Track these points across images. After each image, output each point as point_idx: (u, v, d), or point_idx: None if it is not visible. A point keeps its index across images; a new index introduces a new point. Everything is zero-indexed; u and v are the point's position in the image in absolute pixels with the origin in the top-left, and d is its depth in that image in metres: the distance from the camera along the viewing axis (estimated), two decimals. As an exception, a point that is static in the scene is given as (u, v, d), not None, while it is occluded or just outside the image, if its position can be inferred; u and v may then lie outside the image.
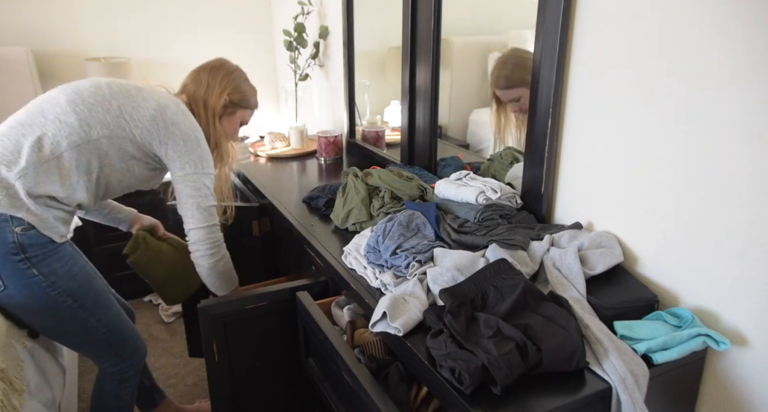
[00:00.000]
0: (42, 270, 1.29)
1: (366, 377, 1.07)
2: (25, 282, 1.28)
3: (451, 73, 1.75)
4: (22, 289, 1.28)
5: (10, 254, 1.25)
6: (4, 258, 1.25)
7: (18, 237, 1.25)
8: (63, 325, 1.38)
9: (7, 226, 1.24)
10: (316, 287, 1.45)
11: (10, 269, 1.26)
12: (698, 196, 1.00)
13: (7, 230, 1.24)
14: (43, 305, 1.32)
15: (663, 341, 0.93)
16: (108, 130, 1.34)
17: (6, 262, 1.25)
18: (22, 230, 1.25)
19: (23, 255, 1.26)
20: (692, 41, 0.96)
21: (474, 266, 1.09)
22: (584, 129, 1.22)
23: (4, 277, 1.26)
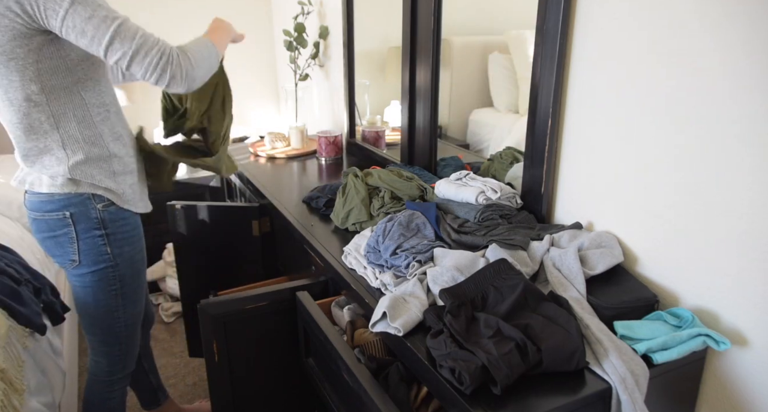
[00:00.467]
0: (115, 250, 1.36)
1: (366, 377, 1.07)
2: (97, 259, 1.35)
3: (451, 73, 1.75)
4: (92, 265, 1.35)
5: (92, 229, 1.32)
6: (86, 232, 1.32)
7: (100, 213, 1.32)
8: (96, 305, 1.41)
9: (90, 203, 1.31)
10: (316, 287, 1.45)
11: (88, 244, 1.33)
12: (698, 196, 1.00)
13: (90, 207, 1.31)
14: (97, 282, 1.37)
15: (663, 341, 0.93)
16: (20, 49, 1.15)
17: (87, 236, 1.32)
18: (104, 206, 1.32)
19: (105, 231, 1.33)
20: (693, 41, 0.96)
21: (474, 266, 1.09)
22: (584, 129, 1.22)
23: (81, 251, 1.33)
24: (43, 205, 1.30)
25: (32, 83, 1.19)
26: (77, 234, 1.31)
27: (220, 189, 2.81)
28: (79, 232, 1.31)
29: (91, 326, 1.45)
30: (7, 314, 1.32)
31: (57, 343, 1.56)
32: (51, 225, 1.31)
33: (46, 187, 1.28)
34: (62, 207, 1.29)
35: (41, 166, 1.28)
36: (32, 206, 1.32)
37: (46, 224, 1.32)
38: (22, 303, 1.39)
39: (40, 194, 1.29)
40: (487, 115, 1.71)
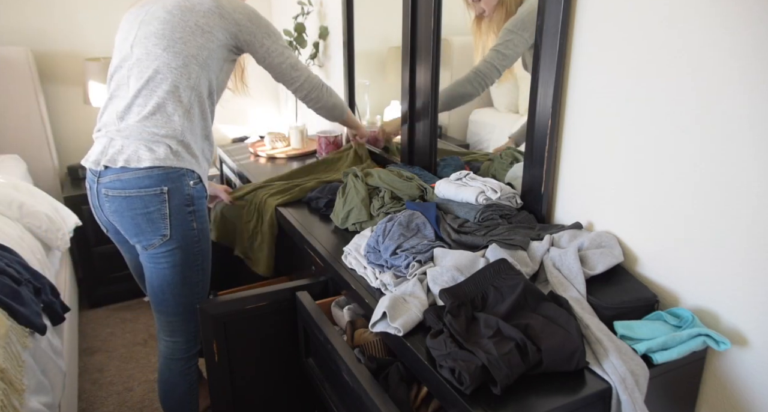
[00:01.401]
0: (199, 225, 1.46)
1: (366, 377, 1.07)
2: (185, 233, 1.43)
3: (451, 73, 1.74)
4: (181, 240, 1.43)
5: (184, 205, 1.41)
6: (178, 208, 1.40)
7: (190, 190, 1.42)
8: (183, 282, 1.47)
9: (185, 179, 1.40)
10: (316, 287, 1.45)
11: (179, 220, 1.41)
12: (699, 196, 1.00)
13: (184, 183, 1.40)
14: (186, 259, 1.45)
15: (663, 341, 0.93)
16: (206, 50, 1.41)
17: (179, 212, 1.41)
18: (194, 184, 1.43)
19: (193, 207, 1.43)
20: (693, 41, 0.96)
21: (474, 266, 1.09)
22: (584, 129, 1.22)
23: (172, 226, 1.40)
24: (140, 180, 1.36)
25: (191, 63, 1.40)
26: (170, 210, 1.39)
27: (220, 189, 2.81)
28: (172, 208, 1.40)
29: (176, 306, 1.50)
30: (7, 314, 1.32)
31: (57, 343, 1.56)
32: (146, 201, 1.38)
33: (147, 161, 1.36)
34: (160, 182, 1.37)
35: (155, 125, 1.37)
36: (126, 184, 1.37)
37: (141, 200, 1.37)
38: (22, 303, 1.39)
39: (137, 170, 1.36)
40: (487, 115, 1.71)
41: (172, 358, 1.58)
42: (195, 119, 1.43)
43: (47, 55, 2.75)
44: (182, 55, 1.38)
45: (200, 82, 1.42)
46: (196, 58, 1.39)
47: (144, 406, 2.09)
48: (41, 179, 2.66)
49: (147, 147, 1.37)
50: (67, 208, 2.27)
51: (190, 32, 1.39)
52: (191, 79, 1.40)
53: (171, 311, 1.51)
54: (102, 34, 2.80)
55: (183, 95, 1.39)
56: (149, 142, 1.37)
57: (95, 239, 2.65)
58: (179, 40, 1.38)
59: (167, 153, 1.37)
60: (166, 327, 1.55)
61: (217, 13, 1.41)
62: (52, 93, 2.80)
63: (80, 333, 2.57)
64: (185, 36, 1.38)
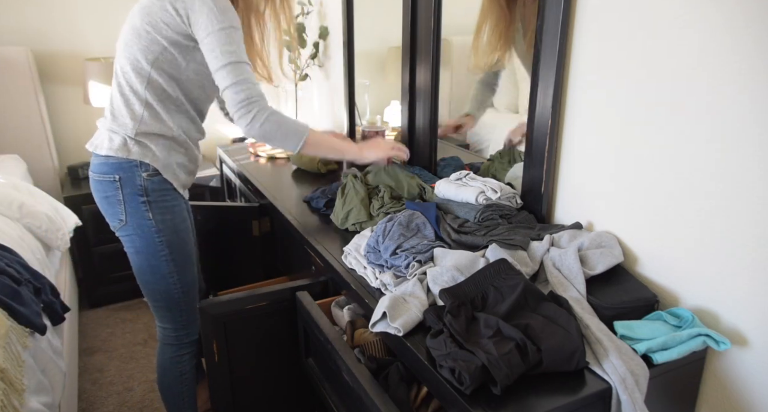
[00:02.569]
0: (156, 217, 1.49)
1: (366, 377, 1.07)
2: (140, 222, 1.49)
3: (451, 73, 1.74)
4: (137, 228, 1.49)
5: (137, 194, 1.47)
6: (131, 197, 1.47)
7: (144, 181, 1.46)
8: (152, 272, 1.54)
9: (136, 170, 1.45)
10: (316, 287, 1.45)
11: (133, 208, 1.47)
12: (698, 196, 1.00)
13: (136, 174, 1.45)
14: (146, 247, 1.51)
15: (663, 341, 0.93)
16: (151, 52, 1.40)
17: (132, 200, 1.47)
18: (148, 176, 1.46)
19: (146, 198, 1.47)
20: (694, 41, 0.96)
21: (474, 266, 1.09)
22: (584, 129, 1.22)
23: (127, 212, 1.48)
24: (100, 167, 1.47)
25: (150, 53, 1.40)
26: (123, 197, 1.47)
27: (220, 189, 2.81)
28: (125, 195, 1.47)
29: (151, 292, 1.57)
30: (7, 314, 1.32)
31: (57, 343, 1.56)
32: (104, 186, 1.48)
33: (104, 150, 1.45)
34: (113, 170, 1.45)
35: (114, 121, 1.45)
36: (93, 167, 1.50)
37: (100, 184, 1.49)
38: (22, 303, 1.39)
39: (99, 156, 1.47)
40: (487, 115, 1.71)
41: (163, 343, 1.65)
42: (150, 122, 1.45)
43: (47, 55, 2.75)
44: (130, 60, 1.42)
45: (153, 86, 1.43)
46: (141, 61, 1.41)
47: (144, 406, 2.09)
48: (41, 179, 2.66)
49: (108, 136, 1.46)
50: (67, 208, 2.28)
51: (136, 34, 1.41)
52: (139, 82, 1.42)
53: (149, 296, 1.59)
54: (102, 34, 2.80)
55: (133, 100, 1.43)
56: (111, 133, 1.46)
57: (95, 239, 2.65)
58: (129, 42, 1.42)
59: (121, 144, 1.44)
60: (154, 312, 1.62)
61: (158, 5, 1.37)
62: (52, 93, 2.80)
63: (80, 333, 2.57)
64: (132, 38, 1.41)
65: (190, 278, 1.59)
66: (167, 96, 1.45)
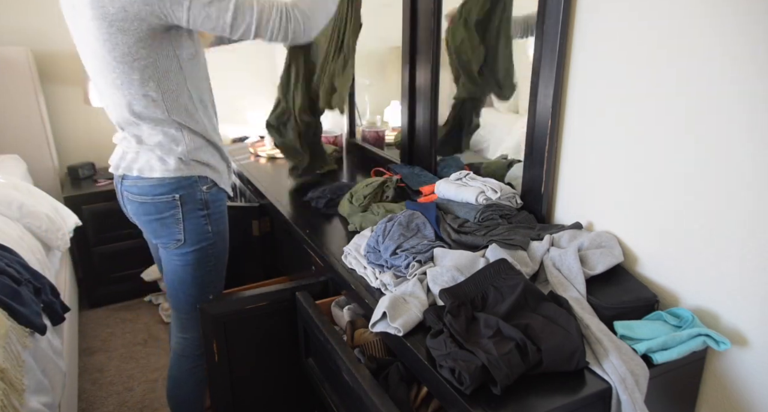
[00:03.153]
0: (214, 228, 1.47)
1: (366, 377, 1.07)
2: (199, 237, 1.45)
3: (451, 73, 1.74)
4: (195, 243, 1.45)
5: (197, 209, 1.43)
6: (191, 213, 1.42)
7: (204, 195, 1.43)
8: (194, 282, 1.50)
9: (197, 185, 1.41)
10: (316, 287, 1.45)
11: (193, 224, 1.43)
12: (699, 196, 1.00)
13: (197, 189, 1.42)
14: (199, 260, 1.47)
15: (663, 341, 0.93)
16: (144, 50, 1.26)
17: (192, 216, 1.43)
18: (207, 189, 1.44)
19: (207, 211, 1.44)
20: (693, 41, 0.96)
21: (474, 266, 1.09)
22: (584, 129, 1.22)
23: (186, 230, 1.43)
24: (153, 189, 1.39)
25: (151, 81, 1.31)
26: (183, 215, 1.42)
27: (220, 189, 2.81)
28: (185, 213, 1.42)
29: (187, 304, 1.53)
30: (7, 314, 1.32)
31: (57, 343, 1.56)
32: (159, 208, 1.41)
33: (158, 172, 1.38)
34: (172, 190, 1.39)
35: (159, 148, 1.37)
36: (141, 190, 1.41)
37: (154, 207, 1.41)
38: (22, 303, 1.39)
39: (151, 179, 1.38)
40: (487, 116, 1.71)
41: (182, 355, 1.61)
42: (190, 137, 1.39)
43: (47, 55, 2.74)
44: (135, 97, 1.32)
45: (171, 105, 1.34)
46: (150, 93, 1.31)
47: (144, 406, 2.09)
48: (41, 179, 2.66)
49: (158, 158, 1.38)
50: (67, 208, 2.28)
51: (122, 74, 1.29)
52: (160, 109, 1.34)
53: (182, 308, 1.54)
54: (102, 34, 2.80)
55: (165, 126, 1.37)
56: (159, 155, 1.38)
57: (95, 239, 2.65)
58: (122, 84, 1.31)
59: (177, 163, 1.38)
60: (178, 323, 1.58)
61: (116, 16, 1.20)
62: (52, 93, 2.80)
63: (80, 333, 2.57)
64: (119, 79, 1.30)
65: (222, 286, 1.58)
66: (188, 106, 1.38)
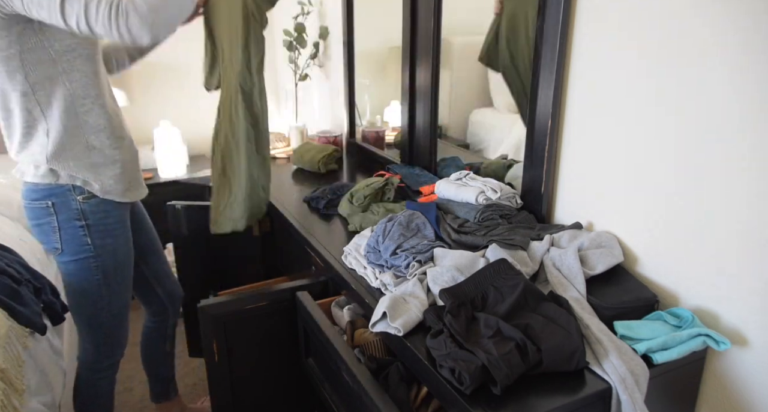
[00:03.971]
0: (97, 241, 1.39)
1: (366, 377, 1.07)
2: (78, 249, 1.38)
3: (451, 73, 1.74)
4: (73, 254, 1.39)
5: (74, 219, 1.35)
6: (67, 223, 1.36)
7: (80, 205, 1.35)
8: (82, 293, 1.45)
9: (70, 194, 1.34)
10: (316, 287, 1.45)
11: (69, 234, 1.36)
12: (699, 197, 1.00)
13: (70, 198, 1.34)
14: (80, 272, 1.41)
15: (663, 341, 0.93)
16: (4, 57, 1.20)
17: (69, 227, 1.36)
18: (84, 199, 1.35)
19: (85, 222, 1.36)
20: (693, 41, 0.96)
21: (474, 266, 1.09)
22: (584, 129, 1.22)
23: (63, 240, 1.37)
24: (30, 193, 1.35)
25: (17, 73, 1.23)
26: (59, 223, 1.36)
27: (220, 189, 2.81)
28: (60, 221, 1.35)
29: (78, 314, 1.50)
30: (7, 314, 1.32)
31: (57, 343, 1.56)
32: (36, 213, 1.36)
33: (30, 176, 1.33)
34: (45, 196, 1.33)
35: (28, 153, 1.32)
36: (22, 194, 1.38)
37: (32, 211, 1.37)
38: (22, 303, 1.39)
39: (27, 183, 1.35)
40: (487, 115, 1.71)
41: (82, 363, 1.57)
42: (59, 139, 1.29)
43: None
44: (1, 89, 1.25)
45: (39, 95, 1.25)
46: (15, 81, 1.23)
47: (144, 406, 2.09)
48: (41, 179, 2.65)
49: (31, 162, 1.33)
50: (67, 208, 2.27)
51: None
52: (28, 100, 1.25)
53: (75, 318, 1.50)
54: (102, 34, 2.80)
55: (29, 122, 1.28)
56: (28, 158, 1.32)
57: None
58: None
59: (45, 172, 1.32)
60: (77, 331, 1.53)
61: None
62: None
63: (80, 333, 2.57)
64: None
65: (123, 303, 1.52)
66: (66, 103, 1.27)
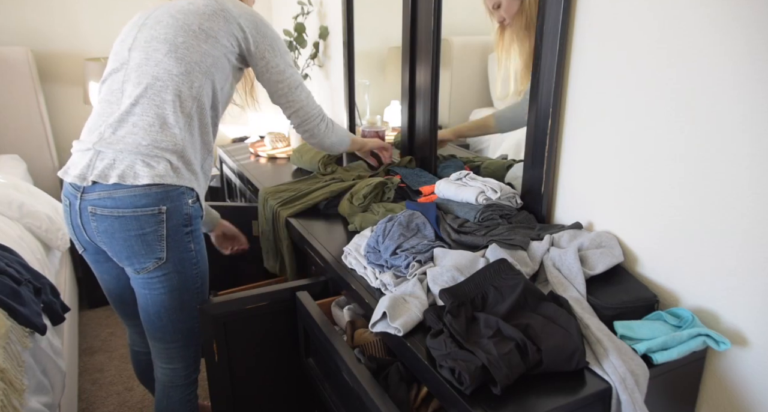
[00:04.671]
0: (196, 246, 1.34)
1: (366, 377, 1.07)
2: (182, 256, 1.32)
3: (451, 73, 1.74)
4: (177, 263, 1.31)
5: (182, 225, 1.29)
6: (176, 230, 1.29)
7: (189, 209, 1.31)
8: (182, 309, 1.37)
9: (184, 198, 1.29)
10: (316, 287, 1.45)
11: (176, 241, 1.29)
12: (698, 196, 1.00)
13: (183, 202, 1.28)
14: (184, 283, 1.34)
15: (663, 341, 0.93)
16: (211, 57, 1.31)
17: (176, 233, 1.29)
18: (192, 202, 1.32)
19: (191, 228, 1.32)
20: (692, 41, 0.96)
21: (474, 266, 1.09)
22: (584, 129, 1.22)
23: (169, 248, 1.29)
24: (135, 200, 1.23)
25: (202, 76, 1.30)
26: (167, 231, 1.27)
27: (220, 189, 2.81)
28: (169, 228, 1.27)
29: (174, 333, 1.40)
30: (7, 314, 1.32)
31: (57, 343, 1.56)
32: (142, 222, 1.25)
33: (145, 178, 1.22)
34: (157, 202, 1.24)
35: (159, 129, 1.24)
36: (117, 202, 1.23)
37: (136, 221, 1.24)
38: (22, 303, 1.39)
39: (134, 188, 1.23)
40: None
41: (171, 385, 1.48)
42: (195, 132, 1.32)
43: (47, 55, 2.75)
44: (185, 62, 1.26)
45: (203, 92, 1.30)
46: (200, 65, 1.28)
47: (144, 406, 2.09)
48: (41, 179, 2.66)
49: (144, 162, 1.23)
50: (67, 208, 2.27)
51: (193, 36, 1.27)
52: (194, 88, 1.28)
53: (168, 338, 1.41)
54: (102, 34, 2.81)
55: (185, 105, 1.27)
56: (147, 157, 1.24)
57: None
58: (182, 44, 1.27)
59: (167, 169, 1.25)
60: (163, 354, 1.44)
61: (222, 16, 1.31)
62: (52, 93, 2.80)
63: (80, 333, 2.57)
64: (188, 40, 1.27)
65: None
66: (212, 105, 1.36)
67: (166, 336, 1.41)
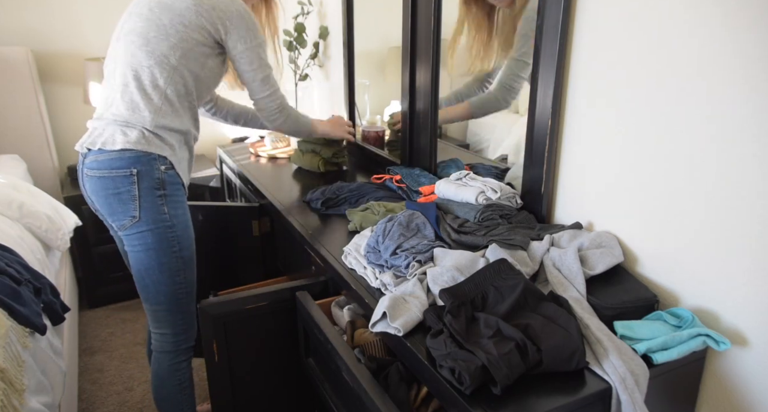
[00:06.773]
0: (171, 211, 1.47)
1: (366, 377, 1.07)
2: (156, 217, 1.45)
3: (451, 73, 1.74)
4: (151, 223, 1.45)
5: (153, 188, 1.44)
6: (148, 191, 1.44)
7: (161, 174, 1.45)
8: (161, 270, 1.49)
9: (155, 163, 1.44)
10: (316, 287, 1.45)
11: (149, 202, 1.44)
12: (698, 196, 1.00)
13: (154, 167, 1.44)
14: (159, 242, 1.46)
15: (663, 341, 0.93)
16: (180, 49, 1.44)
17: (149, 194, 1.44)
18: (166, 169, 1.46)
19: (163, 191, 1.45)
20: (693, 41, 0.96)
21: (474, 266, 1.09)
22: (584, 129, 1.22)
23: (142, 207, 1.44)
24: (111, 162, 1.42)
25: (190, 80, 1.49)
26: (139, 192, 1.43)
27: (220, 189, 2.81)
28: (141, 189, 1.43)
29: (155, 294, 1.52)
30: (7, 314, 1.32)
31: (57, 343, 1.56)
32: (117, 182, 1.43)
33: (119, 144, 1.41)
34: (129, 164, 1.41)
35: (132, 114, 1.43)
36: (97, 164, 1.43)
37: (112, 181, 1.43)
38: (22, 303, 1.39)
39: (109, 152, 1.42)
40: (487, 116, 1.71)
41: (160, 351, 1.59)
42: (168, 116, 1.46)
43: (47, 55, 2.75)
44: (155, 54, 1.42)
45: (174, 80, 1.45)
46: (168, 57, 1.43)
47: (144, 406, 2.09)
48: (41, 179, 2.66)
49: (122, 131, 1.43)
50: (67, 208, 2.28)
51: (164, 31, 1.43)
52: (163, 77, 1.43)
53: (152, 299, 1.53)
54: (102, 34, 2.80)
55: (153, 94, 1.44)
56: (123, 127, 1.43)
57: (95, 239, 2.65)
58: (153, 39, 1.42)
59: (139, 138, 1.42)
60: (152, 317, 1.57)
61: (194, 10, 1.43)
62: (52, 93, 2.80)
63: (80, 333, 2.57)
64: (159, 35, 1.42)
65: (193, 278, 1.57)
66: (186, 92, 1.49)
67: (149, 297, 1.53)
